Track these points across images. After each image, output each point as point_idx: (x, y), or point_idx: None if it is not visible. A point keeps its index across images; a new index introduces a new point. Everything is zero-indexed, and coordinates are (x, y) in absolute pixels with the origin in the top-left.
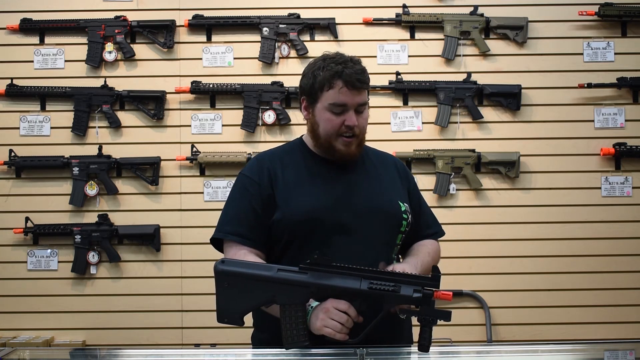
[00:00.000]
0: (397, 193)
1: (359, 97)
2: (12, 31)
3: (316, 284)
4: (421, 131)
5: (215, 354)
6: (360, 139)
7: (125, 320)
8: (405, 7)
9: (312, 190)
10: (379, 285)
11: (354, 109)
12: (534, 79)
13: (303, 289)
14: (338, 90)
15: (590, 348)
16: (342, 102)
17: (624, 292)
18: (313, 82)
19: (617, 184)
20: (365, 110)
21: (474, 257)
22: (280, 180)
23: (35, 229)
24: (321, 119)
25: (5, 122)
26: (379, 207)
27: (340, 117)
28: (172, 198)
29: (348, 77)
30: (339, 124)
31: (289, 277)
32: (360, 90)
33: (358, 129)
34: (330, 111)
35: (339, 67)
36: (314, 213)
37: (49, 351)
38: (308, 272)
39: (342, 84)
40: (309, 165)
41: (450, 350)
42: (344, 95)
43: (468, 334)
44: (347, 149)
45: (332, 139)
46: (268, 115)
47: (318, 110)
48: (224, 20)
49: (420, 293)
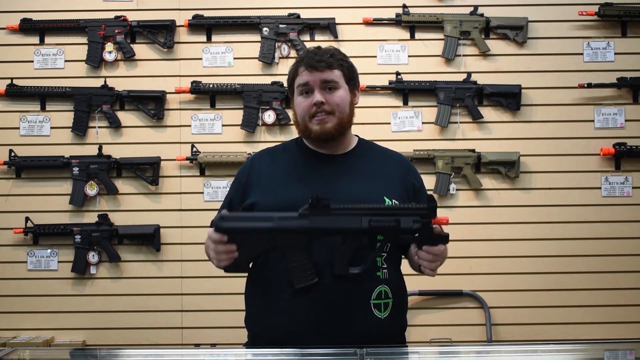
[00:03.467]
0: (385, 188)
1: (321, 75)
2: (12, 31)
3: (317, 229)
4: (421, 131)
5: (215, 354)
6: (338, 118)
7: (125, 320)
8: (405, 7)
9: (293, 183)
10: (380, 222)
11: (318, 87)
12: (534, 79)
13: (304, 234)
14: (301, 73)
15: (590, 348)
16: (304, 81)
17: (624, 292)
18: (289, 77)
19: (617, 184)
20: (339, 89)
21: (474, 257)
22: (265, 174)
23: (35, 229)
24: (296, 105)
25: (5, 122)
26: (354, 197)
27: (309, 98)
28: (172, 198)
29: (308, 60)
30: (309, 105)
31: (289, 225)
32: (322, 70)
33: (329, 105)
34: (299, 95)
35: (303, 55)
36: (283, 203)
37: (49, 351)
38: (308, 217)
39: (303, 67)
40: (300, 160)
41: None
42: (305, 76)
43: (468, 334)
44: (322, 127)
45: (306, 121)
46: (268, 115)
47: (295, 100)
48: (224, 20)
49: (419, 223)
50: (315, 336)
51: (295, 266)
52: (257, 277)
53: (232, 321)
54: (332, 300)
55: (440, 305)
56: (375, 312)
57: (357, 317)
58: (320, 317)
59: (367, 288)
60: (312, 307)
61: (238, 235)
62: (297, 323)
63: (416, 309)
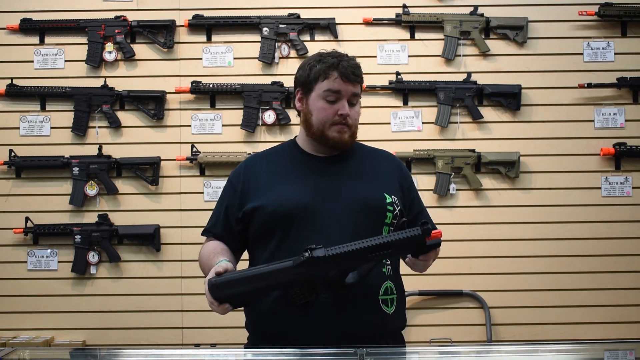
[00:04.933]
0: (383, 185)
1: (353, 88)
2: (12, 31)
3: (315, 275)
4: (421, 131)
5: (215, 354)
6: (352, 131)
7: (125, 320)
8: (405, 7)
9: (291, 185)
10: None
11: (347, 98)
12: (534, 79)
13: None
14: (333, 80)
15: (590, 348)
16: (336, 89)
17: (624, 292)
18: (309, 73)
19: (617, 184)
20: (358, 104)
21: (474, 257)
22: (261, 177)
23: (35, 229)
24: (315, 107)
25: (5, 122)
26: (360, 197)
27: (334, 106)
28: (172, 198)
29: (344, 69)
30: (333, 113)
31: (287, 279)
32: (354, 83)
33: (351, 119)
34: (324, 99)
35: (335, 60)
36: (289, 205)
37: (49, 351)
38: (305, 266)
39: (337, 74)
40: (295, 162)
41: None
42: (338, 84)
43: (468, 334)
44: (341, 136)
45: (325, 127)
46: (268, 115)
47: (312, 100)
48: (224, 20)
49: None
50: (325, 335)
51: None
52: None
53: (232, 321)
54: (341, 298)
55: (440, 305)
56: (383, 307)
57: (367, 313)
58: (330, 316)
59: (375, 284)
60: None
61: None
62: (305, 324)
63: (416, 309)
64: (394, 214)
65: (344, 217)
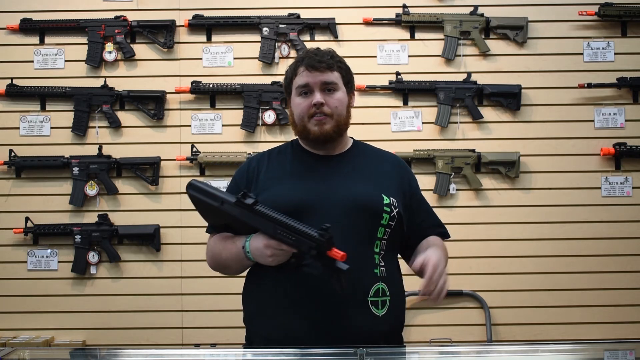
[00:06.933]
0: (382, 186)
1: (322, 77)
2: (12, 31)
3: (236, 217)
4: (421, 131)
5: (215, 354)
6: (336, 120)
7: (125, 320)
8: (405, 7)
9: (287, 183)
10: (284, 234)
11: (318, 88)
12: (534, 79)
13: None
14: (301, 74)
15: (590, 348)
16: (304, 82)
17: (624, 292)
18: (287, 76)
19: (617, 184)
20: (338, 91)
21: (474, 257)
22: (262, 175)
23: (35, 229)
24: (294, 105)
25: (5, 122)
26: (355, 197)
27: (308, 99)
28: (172, 198)
29: (308, 61)
30: (308, 105)
31: (223, 208)
32: (323, 71)
33: (328, 107)
34: (298, 96)
35: (302, 55)
36: (283, 203)
37: (49, 351)
38: (239, 206)
39: (303, 68)
40: (296, 161)
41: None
42: (305, 76)
43: (468, 334)
44: (320, 129)
45: (304, 121)
46: (268, 115)
47: (292, 100)
48: (224, 20)
49: (315, 251)
50: (312, 333)
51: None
52: (254, 276)
53: (232, 321)
54: (329, 298)
55: (440, 305)
56: (372, 309)
57: (354, 314)
58: (317, 314)
59: (365, 285)
60: (309, 305)
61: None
62: (293, 321)
63: (416, 309)
64: (391, 215)
65: (337, 215)
